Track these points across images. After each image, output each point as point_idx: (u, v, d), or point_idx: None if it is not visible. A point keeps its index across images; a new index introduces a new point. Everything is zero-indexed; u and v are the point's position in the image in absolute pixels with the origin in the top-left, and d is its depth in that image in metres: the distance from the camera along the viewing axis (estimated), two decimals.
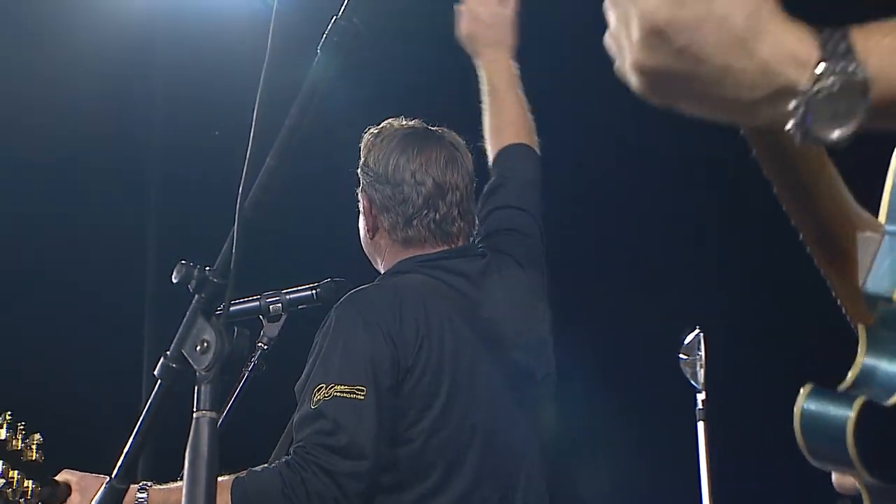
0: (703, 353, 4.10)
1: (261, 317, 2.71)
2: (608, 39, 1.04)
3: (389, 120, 2.78)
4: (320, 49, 1.70)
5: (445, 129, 2.78)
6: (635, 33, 0.97)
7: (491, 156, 3.01)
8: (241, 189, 1.65)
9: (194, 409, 1.61)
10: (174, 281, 1.67)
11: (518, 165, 2.96)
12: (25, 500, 2.43)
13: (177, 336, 1.66)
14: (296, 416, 2.43)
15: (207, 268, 1.67)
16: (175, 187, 8.05)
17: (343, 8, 1.70)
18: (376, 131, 2.74)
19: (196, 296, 1.66)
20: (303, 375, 2.49)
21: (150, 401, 1.71)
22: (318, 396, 2.36)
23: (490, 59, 2.95)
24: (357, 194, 2.77)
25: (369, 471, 2.34)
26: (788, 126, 0.97)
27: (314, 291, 2.75)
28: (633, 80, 1.01)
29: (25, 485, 2.43)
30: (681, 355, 4.14)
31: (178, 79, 7.93)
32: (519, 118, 2.98)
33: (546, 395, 2.78)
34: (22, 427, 2.50)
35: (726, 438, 4.53)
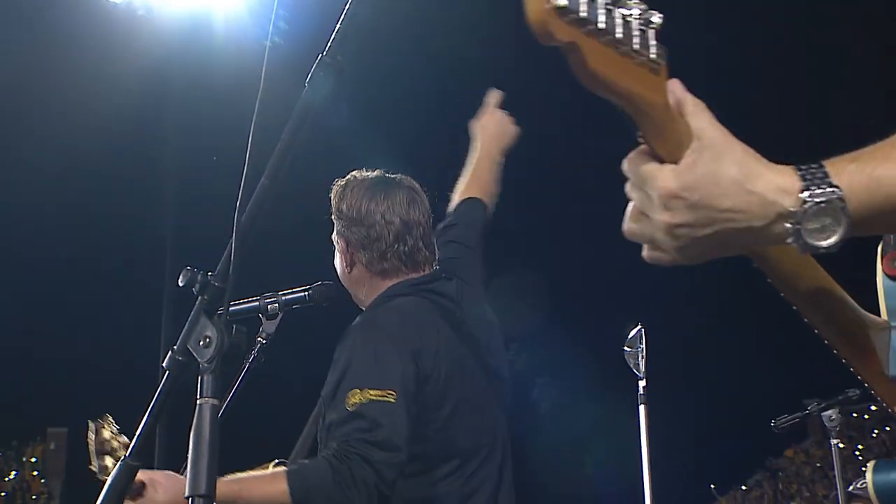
0: (644, 345, 4.11)
1: (260, 315, 2.68)
2: (630, 228, 1.16)
3: (353, 173, 2.83)
4: (308, 83, 1.68)
5: (403, 176, 2.84)
6: (657, 202, 1.10)
7: (456, 200, 3.21)
8: (238, 204, 1.63)
9: (198, 397, 1.59)
10: (180, 285, 1.65)
11: (471, 213, 3.15)
12: None
13: (183, 332, 1.63)
14: (331, 417, 2.43)
15: (209, 273, 1.65)
16: (188, 204, 8.03)
17: (328, 47, 1.69)
18: (343, 183, 2.79)
19: (199, 297, 1.63)
20: (328, 386, 2.50)
21: (158, 388, 1.69)
22: (353, 400, 2.36)
23: (485, 147, 3.22)
24: (332, 237, 2.80)
25: (402, 461, 2.35)
26: (789, 241, 1.09)
27: (307, 293, 2.73)
28: (667, 244, 1.13)
29: None
30: (625, 348, 4.15)
31: (190, 108, 7.95)
32: (489, 186, 3.21)
33: (508, 392, 2.86)
34: (118, 429, 2.47)
35: (663, 419, 4.53)
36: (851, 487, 4.56)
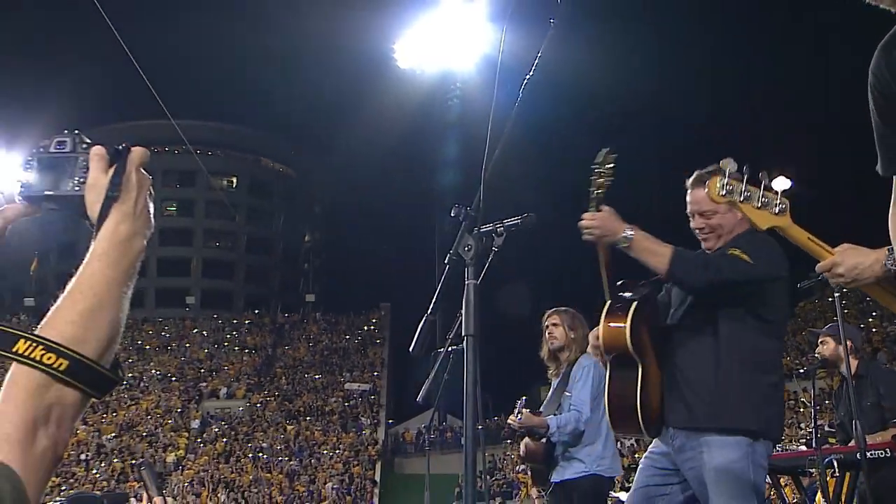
0: None
1: (494, 234, 2.70)
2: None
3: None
4: (520, 91, 1.68)
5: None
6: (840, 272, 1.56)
7: None
8: (483, 168, 1.68)
9: (465, 279, 1.69)
10: (451, 215, 1.73)
11: None
12: None
13: (455, 242, 1.72)
14: (722, 251, 2.35)
15: (468, 206, 1.73)
16: (447, 171, 8.20)
17: (531, 70, 1.68)
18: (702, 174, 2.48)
19: (463, 222, 1.73)
20: (734, 247, 2.36)
21: (443, 273, 1.78)
22: (733, 251, 2.29)
23: None
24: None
25: (724, 280, 2.27)
26: (887, 271, 1.51)
27: (521, 220, 2.72)
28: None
29: None
30: None
31: (443, 124, 8.12)
32: None
33: None
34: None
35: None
36: None
